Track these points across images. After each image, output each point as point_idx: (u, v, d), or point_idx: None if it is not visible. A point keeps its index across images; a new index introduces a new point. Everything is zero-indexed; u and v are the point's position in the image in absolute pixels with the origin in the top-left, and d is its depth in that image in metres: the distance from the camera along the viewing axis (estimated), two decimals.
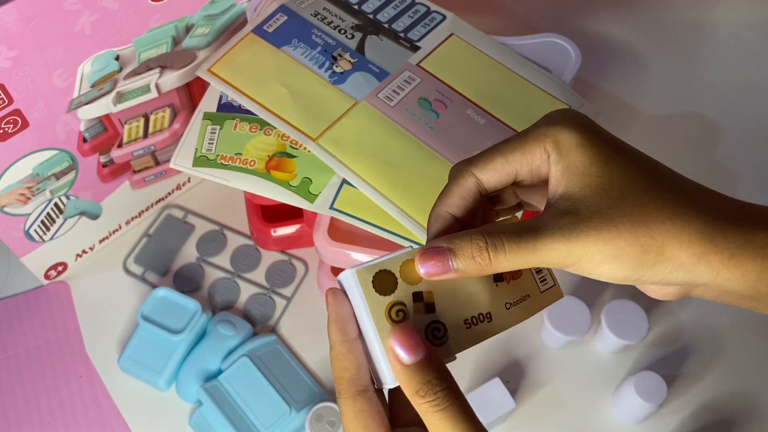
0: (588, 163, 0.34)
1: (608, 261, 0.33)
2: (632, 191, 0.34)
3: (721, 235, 0.33)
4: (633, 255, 0.33)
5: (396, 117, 0.58)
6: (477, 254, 0.34)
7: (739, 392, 0.66)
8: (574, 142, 0.35)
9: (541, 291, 0.39)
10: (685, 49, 0.88)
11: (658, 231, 0.33)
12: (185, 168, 0.58)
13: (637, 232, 0.33)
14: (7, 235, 0.64)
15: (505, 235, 0.34)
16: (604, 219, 0.33)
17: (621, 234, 0.33)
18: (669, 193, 0.34)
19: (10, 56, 0.52)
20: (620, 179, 0.34)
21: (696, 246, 0.33)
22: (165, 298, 0.67)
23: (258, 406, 0.62)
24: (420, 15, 0.65)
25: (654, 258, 0.33)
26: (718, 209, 0.34)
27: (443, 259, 0.34)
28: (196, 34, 0.64)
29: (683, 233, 0.33)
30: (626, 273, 0.33)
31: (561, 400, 0.65)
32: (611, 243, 0.33)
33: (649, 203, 0.33)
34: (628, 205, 0.33)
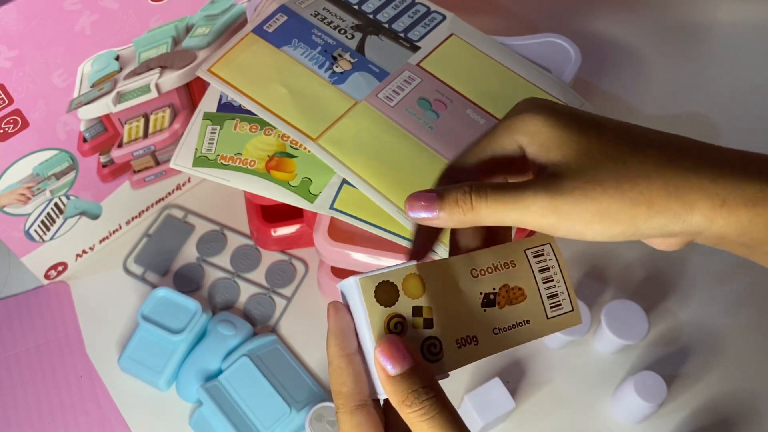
0: (563, 136, 0.35)
1: (599, 219, 0.34)
2: (613, 151, 0.34)
3: (709, 182, 0.33)
4: (623, 210, 0.33)
5: (396, 117, 0.58)
6: (460, 198, 0.35)
7: (739, 392, 0.66)
8: (541, 122, 0.36)
9: (548, 317, 0.39)
10: (685, 49, 0.88)
11: (644, 184, 0.33)
12: (185, 168, 0.58)
13: (622, 187, 0.33)
14: (7, 235, 0.64)
15: (490, 185, 0.35)
16: (589, 178, 0.34)
17: (607, 191, 0.33)
18: (651, 149, 0.34)
19: (10, 56, 0.52)
20: (599, 143, 0.35)
21: (687, 195, 0.33)
22: (165, 298, 0.67)
23: (258, 406, 0.62)
24: (420, 15, 0.65)
25: (645, 212, 0.33)
26: (703, 157, 0.34)
27: (430, 201, 0.35)
28: (196, 34, 0.64)
29: (670, 184, 0.33)
30: (620, 229, 0.34)
31: (561, 400, 0.66)
32: (598, 201, 0.34)
33: (632, 159, 0.34)
34: (612, 163, 0.34)
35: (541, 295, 0.39)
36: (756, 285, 0.72)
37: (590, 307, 0.65)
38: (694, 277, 0.72)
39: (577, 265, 0.72)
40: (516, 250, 0.38)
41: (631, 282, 0.71)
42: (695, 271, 0.72)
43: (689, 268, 0.72)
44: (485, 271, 0.37)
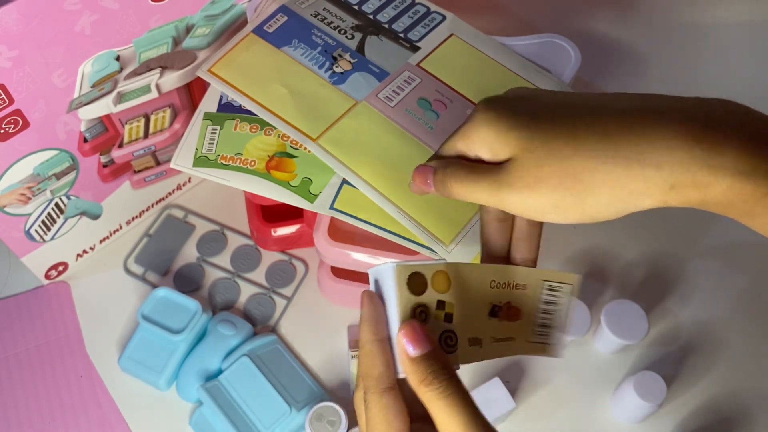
0: (506, 137, 0.38)
1: (551, 210, 0.37)
2: (554, 147, 0.36)
3: (654, 170, 0.34)
4: (572, 204, 0.36)
5: (396, 117, 0.58)
6: (440, 173, 0.42)
7: (739, 392, 0.66)
8: (488, 128, 0.39)
9: (528, 340, 0.42)
10: (685, 49, 0.88)
11: (589, 181, 0.35)
12: (186, 168, 0.58)
13: (566, 184, 0.36)
14: (7, 235, 0.64)
15: (468, 166, 0.41)
16: (534, 177, 0.37)
17: (553, 188, 0.36)
18: (591, 140, 0.36)
19: (10, 56, 0.52)
20: (539, 139, 0.37)
21: (632, 185, 0.35)
22: (165, 298, 0.67)
23: (258, 406, 0.62)
24: (420, 15, 0.65)
25: (594, 203, 0.36)
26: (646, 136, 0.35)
27: (426, 174, 0.43)
28: (197, 34, 0.64)
29: (613, 177, 0.35)
30: (575, 217, 0.37)
31: (561, 399, 0.66)
32: (546, 196, 0.36)
33: (573, 155, 0.36)
34: (554, 159, 0.36)
35: (534, 321, 0.42)
36: (756, 285, 0.72)
37: (590, 307, 0.65)
38: (694, 277, 0.72)
39: (577, 265, 0.72)
40: (536, 278, 0.42)
41: (631, 282, 0.71)
42: (695, 271, 0.72)
43: (689, 268, 0.72)
44: (501, 285, 0.41)
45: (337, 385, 0.66)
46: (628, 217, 0.37)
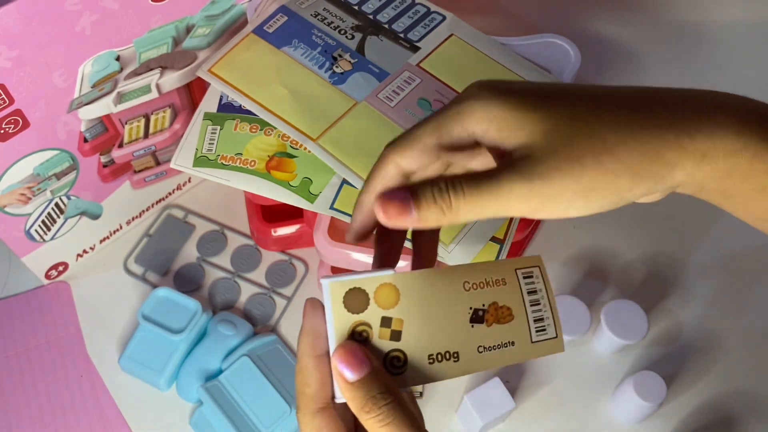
0: (523, 115, 0.33)
1: (582, 196, 0.32)
2: (581, 123, 0.33)
3: (688, 138, 0.32)
4: (607, 183, 0.32)
5: (396, 117, 0.58)
6: (438, 196, 0.32)
7: (739, 392, 0.66)
8: (496, 107, 0.33)
9: (532, 341, 0.38)
10: (685, 49, 0.88)
11: (623, 153, 0.32)
12: (186, 168, 0.59)
13: (602, 161, 0.32)
14: (7, 235, 0.64)
15: (463, 179, 0.33)
16: (564, 157, 0.32)
17: (587, 167, 0.32)
18: (621, 113, 0.33)
19: (10, 56, 0.52)
20: (564, 116, 0.33)
21: (667, 156, 0.32)
22: (165, 298, 0.67)
23: (258, 406, 0.62)
24: (420, 15, 0.65)
25: (629, 181, 0.32)
26: (677, 110, 0.33)
27: (405, 202, 0.33)
28: (197, 34, 0.64)
29: (650, 148, 0.32)
30: (605, 202, 0.33)
31: (561, 399, 0.66)
32: (579, 178, 0.32)
33: (604, 129, 0.32)
34: (584, 137, 0.32)
35: (528, 317, 0.38)
36: (756, 285, 0.72)
37: (590, 307, 0.65)
38: (694, 277, 0.72)
39: (577, 265, 0.72)
40: (507, 269, 0.37)
41: (631, 282, 0.71)
42: (695, 271, 0.72)
43: (689, 268, 0.72)
44: (477, 285, 0.36)
45: None
46: (628, 217, 0.36)
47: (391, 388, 0.33)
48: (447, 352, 0.35)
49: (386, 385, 0.33)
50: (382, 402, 0.32)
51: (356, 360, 0.33)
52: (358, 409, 0.33)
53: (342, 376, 0.33)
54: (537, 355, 0.37)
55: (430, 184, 0.33)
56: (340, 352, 0.33)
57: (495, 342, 0.36)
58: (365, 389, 0.33)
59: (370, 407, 0.32)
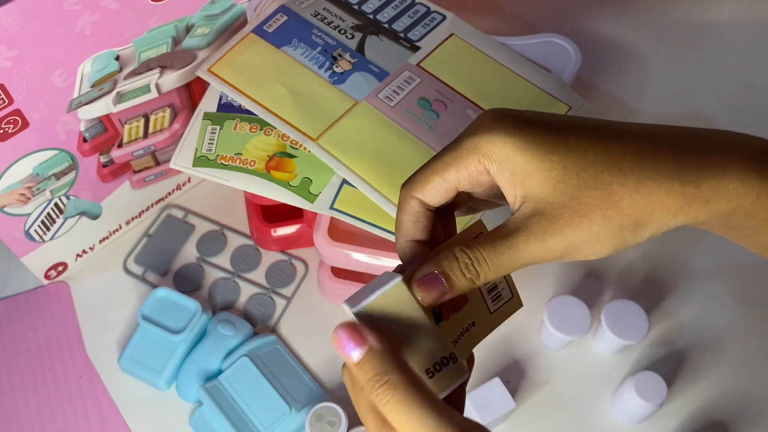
0: (533, 162, 0.34)
1: (590, 246, 0.34)
2: (590, 174, 0.34)
3: (692, 187, 0.34)
4: (612, 234, 0.34)
5: (396, 117, 0.58)
6: (465, 271, 0.34)
7: (739, 392, 0.66)
8: (510, 147, 0.34)
9: (491, 311, 0.38)
10: (685, 49, 0.88)
11: (629, 206, 0.33)
12: (185, 168, 0.58)
13: (608, 214, 0.33)
14: (7, 235, 0.64)
15: (483, 248, 0.34)
16: (573, 212, 0.33)
17: (594, 221, 0.33)
18: (627, 163, 0.34)
19: (10, 56, 0.52)
20: (573, 166, 0.34)
21: (671, 204, 0.34)
22: (165, 298, 0.67)
23: (258, 406, 0.62)
24: (420, 15, 0.65)
25: (632, 230, 0.34)
26: (683, 155, 0.34)
27: (438, 284, 0.35)
28: (196, 34, 0.64)
29: (654, 200, 0.33)
30: (610, 249, 0.34)
31: (561, 400, 0.66)
32: (587, 231, 0.34)
33: (612, 181, 0.34)
34: (592, 190, 0.34)
35: (481, 292, 0.38)
36: (756, 285, 0.72)
37: (590, 307, 0.65)
38: (694, 277, 0.72)
39: (577, 265, 0.72)
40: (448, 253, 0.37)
41: (631, 282, 0.71)
42: (695, 271, 0.72)
43: (689, 268, 0.72)
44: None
45: (337, 386, 0.66)
46: None
47: (389, 369, 0.32)
48: (443, 358, 0.35)
49: (386, 365, 0.32)
50: (378, 383, 0.32)
51: (357, 337, 0.33)
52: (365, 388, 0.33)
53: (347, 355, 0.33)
54: (499, 322, 0.38)
55: (454, 258, 0.35)
56: (342, 329, 0.33)
57: (457, 332, 0.37)
58: (363, 371, 0.32)
59: (370, 388, 0.32)
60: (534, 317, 0.68)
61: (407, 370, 0.32)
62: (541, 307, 0.66)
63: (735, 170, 0.34)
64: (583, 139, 0.35)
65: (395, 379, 0.32)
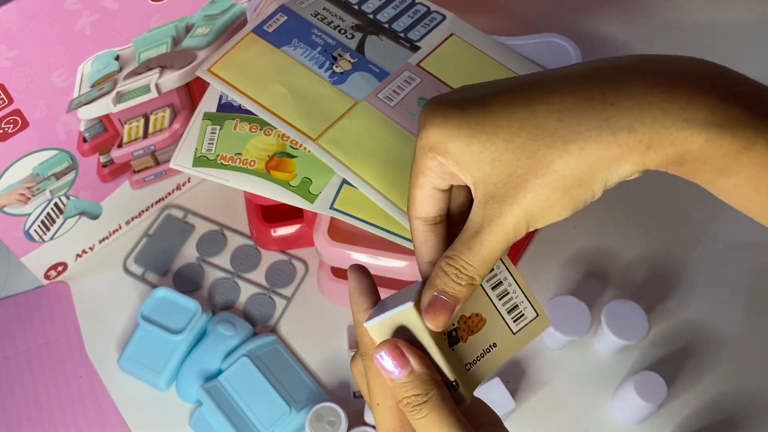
0: (467, 147, 0.34)
1: (545, 212, 0.34)
2: (517, 144, 0.33)
3: (625, 133, 0.32)
4: (559, 197, 0.33)
5: (396, 117, 0.58)
6: (458, 279, 0.35)
7: (739, 392, 0.66)
8: (444, 138, 0.35)
9: (514, 332, 0.38)
10: (686, 49, 0.88)
11: (562, 168, 0.33)
12: (185, 168, 0.58)
13: (546, 181, 0.33)
14: (7, 235, 0.64)
15: (460, 253, 0.35)
16: (515, 187, 0.33)
17: (536, 190, 0.33)
18: (551, 122, 0.33)
19: (10, 56, 0.52)
20: (499, 140, 0.34)
21: (607, 155, 0.32)
22: (165, 298, 0.67)
23: (258, 406, 0.62)
24: (420, 15, 0.65)
25: (578, 188, 0.33)
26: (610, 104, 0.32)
27: (442, 303, 0.35)
28: (196, 34, 0.64)
29: (587, 154, 0.32)
30: (566, 211, 0.34)
31: (561, 400, 0.66)
32: (535, 200, 0.33)
33: (539, 146, 0.33)
34: (524, 160, 0.33)
35: (500, 313, 0.38)
36: (756, 285, 0.72)
37: (590, 307, 0.65)
38: (694, 277, 0.72)
39: (577, 265, 0.72)
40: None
41: (631, 282, 0.71)
42: (695, 271, 0.72)
43: (689, 268, 0.72)
44: None
45: (337, 386, 0.66)
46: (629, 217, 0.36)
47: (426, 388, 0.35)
48: (446, 384, 0.36)
49: (426, 387, 0.35)
50: (416, 402, 0.35)
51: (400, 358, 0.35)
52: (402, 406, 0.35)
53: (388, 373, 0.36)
54: (526, 342, 0.38)
55: (441, 272, 0.36)
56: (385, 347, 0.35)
57: (477, 353, 0.37)
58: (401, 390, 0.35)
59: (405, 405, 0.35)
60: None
61: (443, 393, 0.35)
62: None
63: (675, 107, 0.32)
64: (506, 106, 0.34)
65: (433, 401, 0.34)
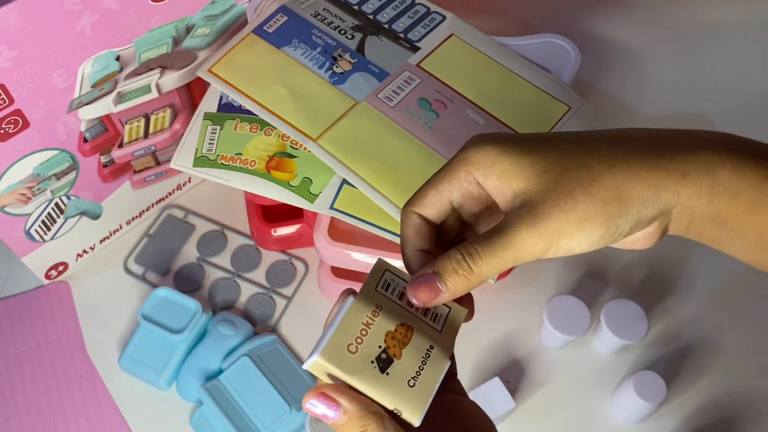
0: (518, 162, 0.36)
1: (580, 228, 0.35)
2: (569, 161, 0.35)
3: (667, 160, 0.35)
4: (599, 212, 0.34)
5: (396, 117, 0.58)
6: (458, 267, 0.35)
7: (738, 392, 0.66)
8: (494, 153, 0.36)
9: (440, 330, 0.36)
10: (686, 49, 0.88)
11: (609, 180, 0.35)
12: (186, 168, 0.59)
13: (590, 191, 0.34)
14: (7, 235, 0.64)
15: (476, 243, 0.35)
16: (557, 194, 0.35)
17: (578, 199, 0.34)
18: (603, 146, 0.36)
19: (10, 56, 0.52)
20: (553, 156, 0.36)
21: (648, 177, 0.35)
22: (165, 298, 0.67)
23: (258, 406, 0.62)
24: (420, 15, 0.65)
25: (618, 206, 0.35)
26: (655, 140, 0.36)
27: (431, 283, 0.35)
28: (197, 34, 0.64)
29: (631, 172, 0.35)
30: (601, 231, 0.35)
31: (561, 399, 0.66)
32: (574, 211, 0.34)
33: (590, 161, 0.35)
34: (572, 172, 0.35)
35: (419, 317, 0.36)
36: (756, 285, 0.72)
37: (590, 306, 0.65)
38: (694, 277, 0.72)
39: (577, 265, 0.72)
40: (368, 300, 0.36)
41: (631, 282, 0.71)
42: (695, 271, 0.72)
43: (689, 268, 0.72)
44: (359, 340, 0.35)
45: None
46: None
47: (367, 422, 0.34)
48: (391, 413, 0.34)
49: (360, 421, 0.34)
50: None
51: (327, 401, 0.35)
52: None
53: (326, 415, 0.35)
54: (456, 332, 0.37)
55: (447, 257, 0.36)
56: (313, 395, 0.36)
57: (417, 364, 0.35)
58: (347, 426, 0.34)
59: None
60: (534, 317, 0.68)
61: (382, 422, 0.34)
62: (540, 307, 0.67)
63: (708, 146, 0.35)
64: (562, 138, 0.37)
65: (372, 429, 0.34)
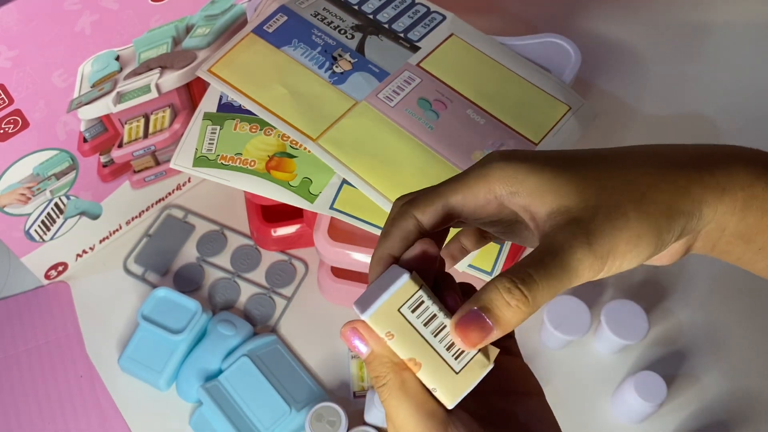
0: (552, 180, 0.34)
1: (632, 246, 0.33)
2: (608, 177, 0.34)
3: (708, 174, 0.35)
4: (649, 227, 0.33)
5: (396, 117, 0.58)
6: (510, 297, 0.31)
7: (739, 392, 0.66)
8: (524, 170, 0.34)
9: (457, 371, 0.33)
10: (685, 49, 0.88)
11: (658, 195, 0.34)
12: (185, 168, 0.58)
13: (641, 207, 0.33)
14: (7, 235, 0.64)
15: (529, 267, 0.32)
16: (607, 209, 0.33)
17: (630, 216, 0.33)
18: (643, 161, 0.35)
19: (10, 56, 0.52)
20: (591, 174, 0.34)
21: (693, 190, 0.34)
22: (165, 298, 0.67)
23: (258, 406, 0.62)
24: (420, 15, 0.65)
25: (666, 221, 0.34)
26: (690, 156, 0.36)
27: (480, 322, 0.31)
28: (197, 34, 0.64)
29: (679, 186, 0.34)
30: (651, 248, 0.34)
31: (561, 399, 0.66)
32: (627, 228, 0.33)
33: (634, 177, 0.34)
34: (618, 187, 0.34)
35: (437, 351, 0.33)
36: (756, 285, 0.72)
37: (590, 307, 0.65)
38: (694, 277, 0.72)
39: None
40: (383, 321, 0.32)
41: (631, 282, 0.71)
42: (695, 271, 0.72)
43: (689, 268, 0.72)
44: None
45: (337, 386, 0.66)
46: None
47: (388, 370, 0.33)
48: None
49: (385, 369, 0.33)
50: (382, 381, 0.33)
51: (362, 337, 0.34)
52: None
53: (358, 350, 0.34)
54: (473, 383, 0.33)
55: (494, 287, 0.32)
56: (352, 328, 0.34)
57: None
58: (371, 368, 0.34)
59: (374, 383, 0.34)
60: (534, 317, 0.68)
61: (400, 376, 0.33)
62: (540, 308, 0.66)
63: (740, 161, 0.36)
64: (591, 158, 0.35)
65: (390, 383, 0.33)
